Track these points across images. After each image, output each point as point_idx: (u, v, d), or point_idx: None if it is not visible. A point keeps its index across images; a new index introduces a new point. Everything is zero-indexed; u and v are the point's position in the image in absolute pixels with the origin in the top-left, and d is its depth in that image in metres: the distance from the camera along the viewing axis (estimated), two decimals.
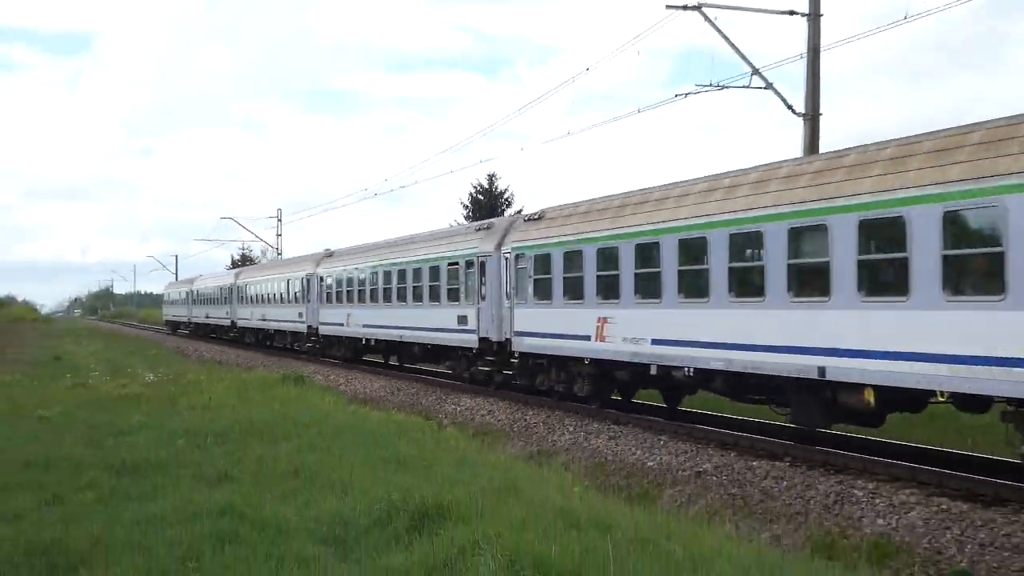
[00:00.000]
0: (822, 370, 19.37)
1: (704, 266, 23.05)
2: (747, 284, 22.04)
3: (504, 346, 33.10)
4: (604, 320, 26.72)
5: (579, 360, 28.97)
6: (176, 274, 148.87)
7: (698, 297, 23.37)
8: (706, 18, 32.90)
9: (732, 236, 22.01)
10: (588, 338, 27.52)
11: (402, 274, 43.06)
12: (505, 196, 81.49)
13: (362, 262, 49.87)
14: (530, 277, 31.07)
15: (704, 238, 22.85)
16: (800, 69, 33.04)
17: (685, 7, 32.81)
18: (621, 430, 26.81)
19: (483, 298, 34.08)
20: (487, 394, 36.56)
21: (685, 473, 21.66)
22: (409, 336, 42.37)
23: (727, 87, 34.58)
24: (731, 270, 22.16)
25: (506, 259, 32.57)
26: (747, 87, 33.66)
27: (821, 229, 19.76)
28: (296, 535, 12.24)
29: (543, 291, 30.40)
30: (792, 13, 32.72)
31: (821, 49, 32.53)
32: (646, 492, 20.10)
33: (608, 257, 27.11)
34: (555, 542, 11.31)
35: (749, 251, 22.03)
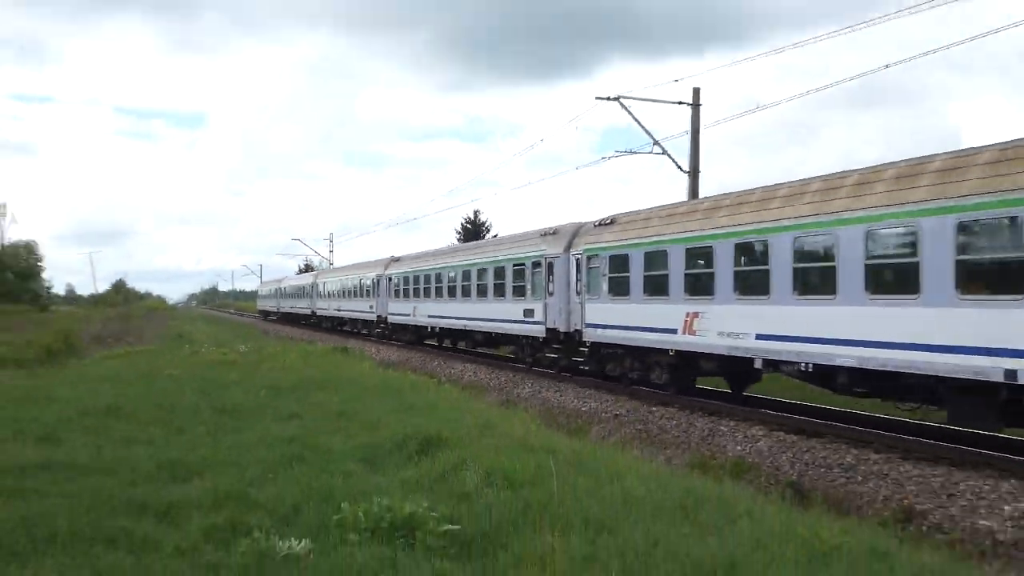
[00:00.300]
0: (1011, 373, 13.39)
1: (830, 263, 16.60)
2: (891, 281, 15.74)
3: (572, 336, 26.92)
4: (694, 315, 20.41)
5: (660, 351, 22.32)
6: (260, 277, 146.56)
7: (822, 294, 16.85)
8: (623, 106, 32.94)
9: (870, 233, 15.79)
10: (674, 331, 21.11)
11: (466, 274, 36.24)
12: (485, 225, 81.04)
13: (426, 265, 42.91)
14: (604, 275, 24.68)
15: (832, 235, 16.55)
16: (686, 141, 33.11)
17: (608, 98, 32.94)
18: (563, 387, 26.65)
19: (551, 294, 28.01)
20: (472, 360, 36.15)
21: (607, 415, 21.64)
22: (473, 326, 35.57)
23: (636, 152, 34.72)
24: (869, 267, 15.86)
25: (576, 260, 26.39)
26: (650, 152, 33.70)
27: (1013, 223, 13.47)
28: (342, 456, 12.25)
29: (619, 287, 23.93)
30: (680, 103, 32.83)
31: (700, 128, 32.65)
32: (580, 428, 20.06)
33: (699, 256, 20.64)
34: (517, 461, 11.35)
35: (896, 248, 15.81)
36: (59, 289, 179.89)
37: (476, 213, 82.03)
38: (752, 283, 18.85)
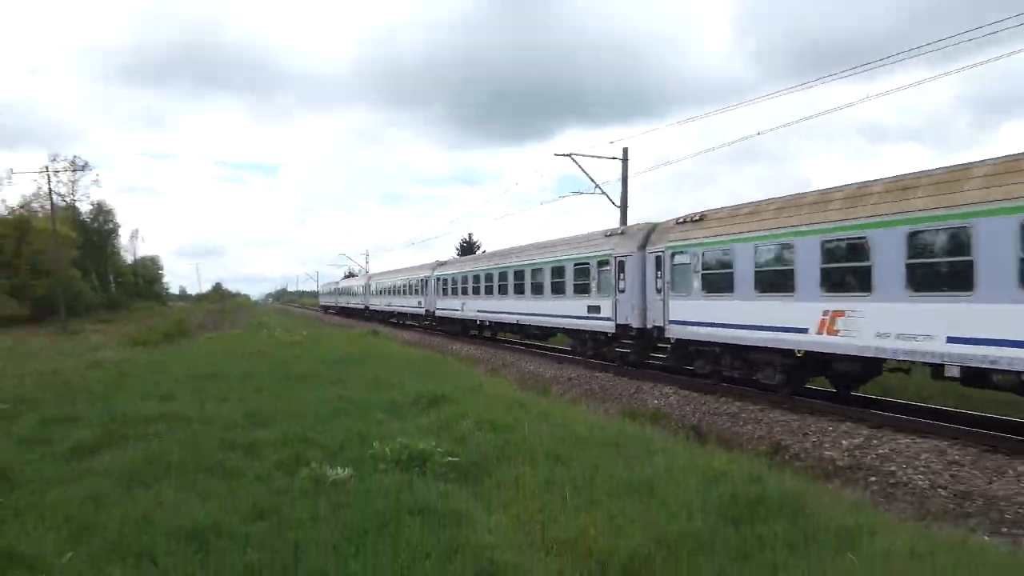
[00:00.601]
0: None
1: None
2: None
3: (645, 332, 20.21)
4: (837, 313, 13.40)
5: (775, 351, 15.26)
6: (318, 282, 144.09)
7: None
8: (573, 160, 32.79)
9: None
10: (804, 331, 14.16)
11: (519, 274, 28.60)
12: (476, 244, 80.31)
13: (477, 266, 34.90)
14: (696, 272, 17.60)
15: None
16: (619, 185, 33.07)
17: (563, 155, 32.94)
18: (532, 359, 26.30)
19: (621, 291, 21.25)
20: (469, 341, 35.38)
21: (563, 379, 21.35)
22: (527, 320, 27.94)
23: (583, 193, 34.66)
24: None
25: (657, 257, 19.36)
26: (593, 193, 33.64)
27: None
28: (374, 409, 12.12)
29: (716, 284, 16.85)
30: (614, 158, 32.80)
31: (628, 176, 32.61)
32: (544, 389, 19.85)
33: (843, 248, 13.46)
34: (499, 413, 11.33)
35: None
36: (174, 290, 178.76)
37: (470, 235, 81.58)
38: (938, 278, 11.89)
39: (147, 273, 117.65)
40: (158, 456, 8.66)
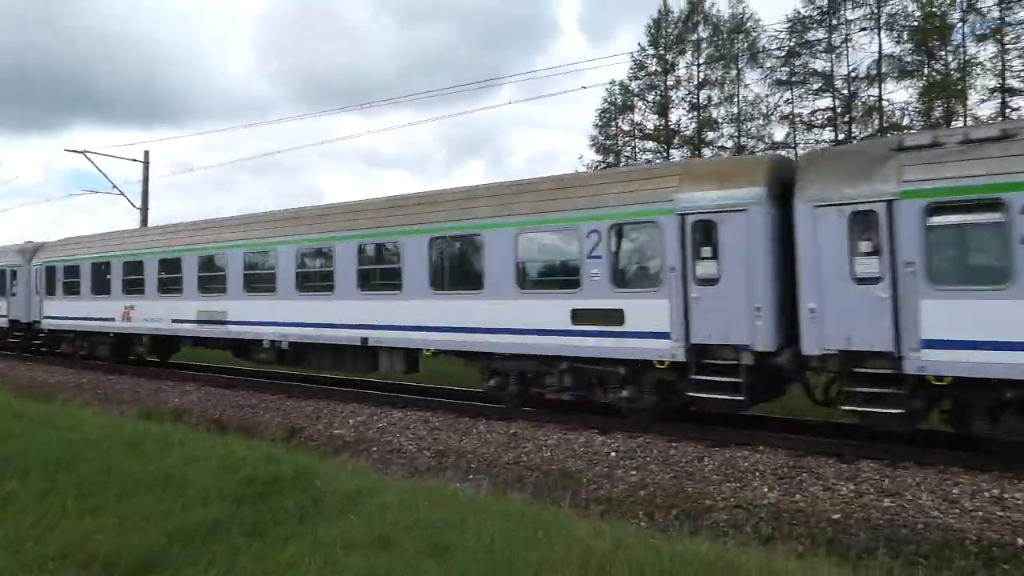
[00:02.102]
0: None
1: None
2: None
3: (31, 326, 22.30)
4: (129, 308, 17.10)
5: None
6: None
7: None
8: (87, 157, 28.70)
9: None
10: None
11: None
12: None
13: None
14: (60, 280, 20.98)
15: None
16: (140, 185, 29.77)
17: (75, 151, 28.88)
18: (32, 365, 21.79)
19: (14, 295, 22.98)
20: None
21: (71, 384, 18.01)
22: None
23: (100, 192, 31.40)
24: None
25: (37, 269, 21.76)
26: (111, 193, 30.01)
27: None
28: None
29: (73, 287, 20.27)
30: (135, 160, 29.50)
31: (150, 178, 29.58)
32: (48, 395, 16.70)
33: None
34: None
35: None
36: None
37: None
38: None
39: None
40: None
